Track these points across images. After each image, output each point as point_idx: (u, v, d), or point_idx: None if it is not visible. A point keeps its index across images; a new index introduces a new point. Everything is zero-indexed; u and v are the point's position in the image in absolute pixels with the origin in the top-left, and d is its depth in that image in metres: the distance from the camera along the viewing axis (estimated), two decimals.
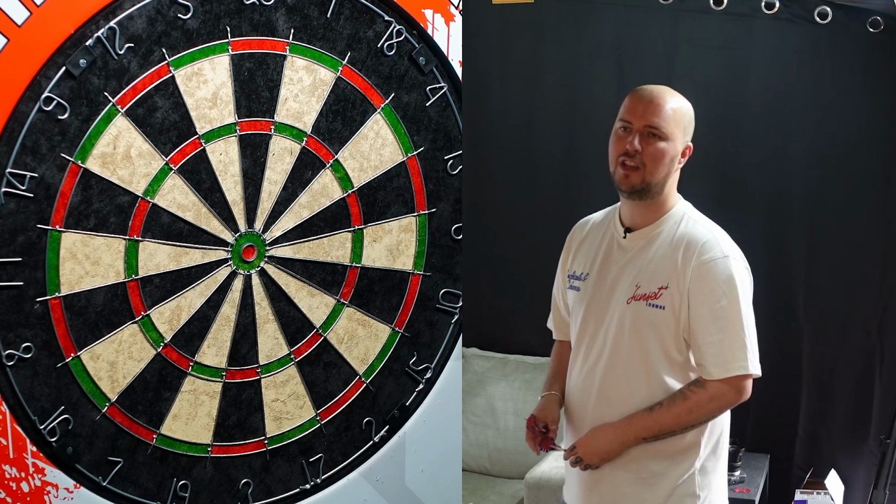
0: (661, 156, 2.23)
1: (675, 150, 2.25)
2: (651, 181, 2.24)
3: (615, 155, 2.26)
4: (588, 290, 2.37)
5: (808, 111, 3.71)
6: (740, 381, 2.22)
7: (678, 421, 2.21)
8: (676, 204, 2.32)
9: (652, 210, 2.29)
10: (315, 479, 2.89)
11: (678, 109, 2.26)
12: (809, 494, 3.49)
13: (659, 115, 2.22)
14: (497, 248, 4.24)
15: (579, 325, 2.39)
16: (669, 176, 2.27)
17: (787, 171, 3.77)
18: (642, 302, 2.25)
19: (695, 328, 2.21)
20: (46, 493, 2.44)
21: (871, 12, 3.53)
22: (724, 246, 2.25)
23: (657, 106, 2.23)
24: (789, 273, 3.79)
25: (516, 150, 4.18)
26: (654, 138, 2.22)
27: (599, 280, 2.34)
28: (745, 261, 2.28)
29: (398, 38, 2.83)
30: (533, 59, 4.09)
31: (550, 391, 2.45)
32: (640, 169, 2.23)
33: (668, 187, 2.28)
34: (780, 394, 3.81)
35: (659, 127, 2.22)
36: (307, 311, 2.80)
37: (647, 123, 2.22)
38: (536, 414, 2.40)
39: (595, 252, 2.38)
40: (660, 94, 2.26)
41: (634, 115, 2.24)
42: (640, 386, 2.26)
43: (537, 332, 4.22)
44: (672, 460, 2.26)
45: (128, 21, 2.42)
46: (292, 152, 2.72)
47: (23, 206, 2.34)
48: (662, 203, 2.29)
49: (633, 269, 2.28)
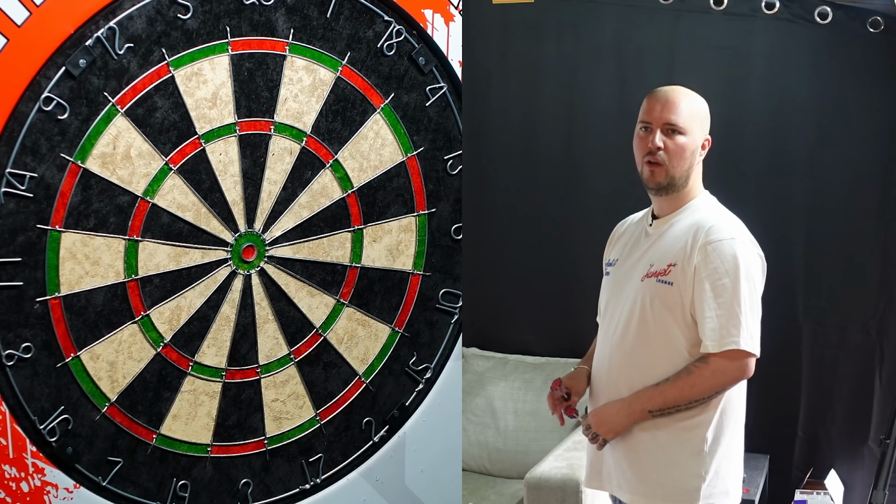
0: (682, 150, 2.36)
1: (694, 143, 2.37)
2: (675, 175, 2.36)
3: (640, 155, 2.39)
4: (614, 274, 2.51)
5: (808, 111, 3.71)
6: (739, 356, 2.28)
7: (682, 395, 2.29)
8: (699, 195, 2.44)
9: (677, 201, 2.41)
10: (315, 479, 2.89)
11: (693, 105, 2.39)
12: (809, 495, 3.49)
13: (675, 112, 2.35)
14: (497, 248, 4.24)
15: (604, 306, 2.53)
16: (692, 168, 2.39)
17: (787, 170, 3.77)
18: (653, 279, 2.36)
19: (696, 304, 2.30)
20: (46, 493, 2.44)
21: (871, 12, 3.53)
22: (732, 229, 2.35)
23: (673, 104, 2.36)
24: (789, 273, 3.79)
25: (516, 150, 4.18)
26: (673, 134, 2.35)
27: (625, 263, 2.48)
28: (757, 247, 2.37)
29: (398, 38, 2.83)
30: (533, 59, 4.09)
31: (583, 365, 2.56)
32: (664, 165, 2.36)
33: (693, 180, 2.41)
34: (780, 394, 3.81)
35: (676, 123, 2.35)
36: (307, 311, 2.80)
37: (665, 122, 2.35)
38: (563, 379, 2.51)
39: (627, 242, 2.52)
40: (674, 93, 2.39)
41: (652, 115, 2.37)
42: (650, 361, 2.35)
43: (537, 331, 4.26)
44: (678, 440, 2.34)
45: (127, 21, 2.42)
46: (292, 152, 2.72)
47: (23, 206, 2.34)
48: (687, 194, 2.41)
49: (651, 252, 2.41)
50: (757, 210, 3.80)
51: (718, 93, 3.72)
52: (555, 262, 4.10)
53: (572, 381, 2.51)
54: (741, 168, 3.81)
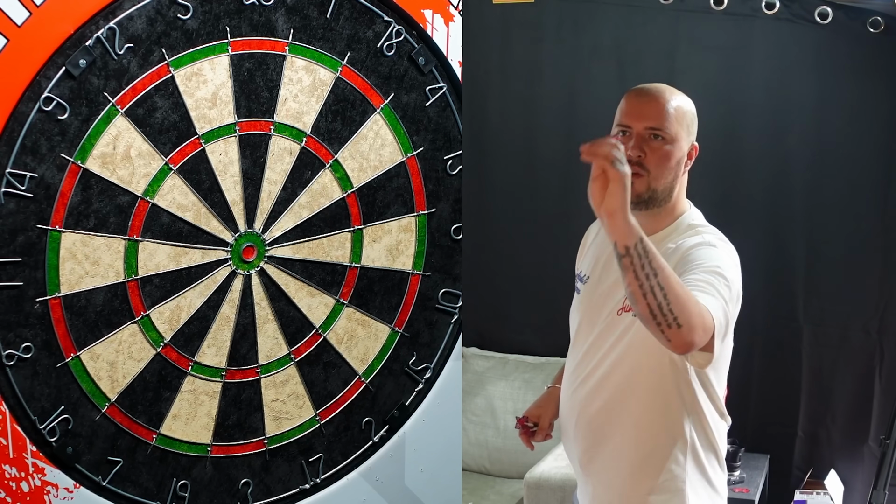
0: (667, 159, 2.03)
1: (680, 151, 2.05)
2: (657, 188, 2.04)
3: None
4: (584, 296, 2.22)
5: (808, 111, 3.71)
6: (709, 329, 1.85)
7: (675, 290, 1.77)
8: (685, 212, 2.13)
9: (658, 219, 2.09)
10: (315, 478, 2.89)
11: (679, 107, 2.07)
12: (809, 494, 3.49)
13: (660, 115, 2.03)
14: (497, 248, 4.24)
15: (574, 331, 2.25)
16: (677, 180, 2.08)
17: (787, 170, 3.77)
18: (630, 313, 2.04)
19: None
20: (46, 493, 2.44)
21: (871, 12, 3.53)
22: (713, 239, 2.04)
23: (657, 105, 2.04)
24: (789, 273, 3.79)
25: (516, 149, 4.19)
26: (656, 140, 2.03)
27: (597, 287, 2.18)
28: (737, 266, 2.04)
29: (398, 38, 2.83)
30: (533, 59, 4.09)
31: (555, 384, 2.34)
32: (644, 176, 2.02)
33: (677, 193, 2.09)
34: (780, 394, 3.82)
35: (661, 128, 2.03)
36: (307, 311, 2.80)
37: (647, 125, 2.03)
38: (530, 412, 2.34)
39: (599, 255, 2.22)
40: (658, 92, 2.07)
41: (633, 117, 2.05)
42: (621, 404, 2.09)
43: (537, 331, 4.26)
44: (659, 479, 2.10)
45: (127, 21, 2.42)
46: (292, 152, 2.72)
47: (23, 206, 2.34)
48: (670, 211, 2.10)
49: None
50: (757, 210, 3.82)
51: (718, 93, 3.75)
52: (555, 262, 4.10)
53: (541, 409, 2.30)
54: (741, 168, 3.81)
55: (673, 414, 2.07)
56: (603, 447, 2.14)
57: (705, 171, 2.45)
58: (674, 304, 1.77)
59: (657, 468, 2.10)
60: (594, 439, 2.15)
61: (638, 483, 2.12)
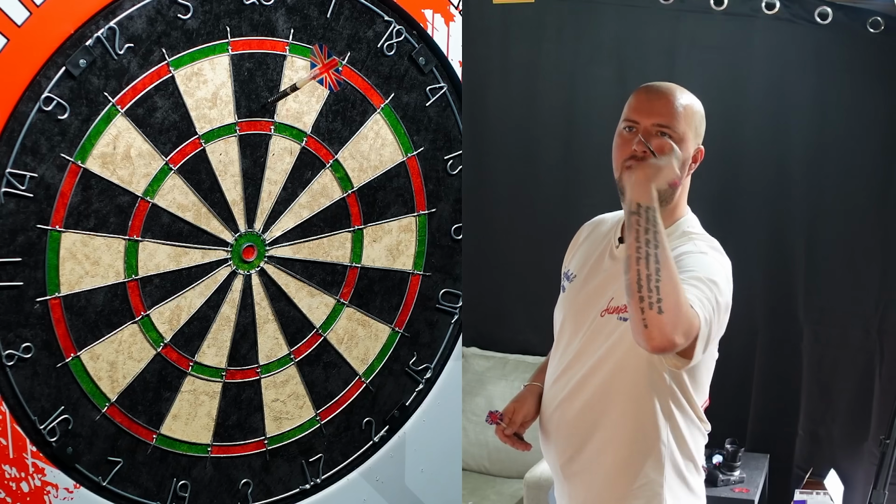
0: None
1: (686, 153, 2.00)
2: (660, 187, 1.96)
3: (620, 159, 2.00)
4: (570, 294, 2.19)
5: (808, 111, 3.71)
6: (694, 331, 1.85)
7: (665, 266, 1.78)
8: (683, 217, 2.09)
9: None
10: (315, 479, 2.89)
11: (689, 107, 2.03)
12: (809, 494, 3.49)
13: (668, 112, 1.99)
14: (497, 248, 4.24)
15: (558, 330, 2.22)
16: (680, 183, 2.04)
17: (787, 170, 3.77)
18: (614, 315, 2.03)
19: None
20: (46, 493, 2.44)
21: (871, 12, 3.53)
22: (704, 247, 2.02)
23: (666, 102, 2.01)
24: (789, 273, 3.79)
25: (516, 150, 4.19)
26: (663, 138, 1.99)
27: (583, 286, 2.15)
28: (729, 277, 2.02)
29: (398, 38, 2.83)
30: (533, 59, 4.09)
31: (534, 381, 2.29)
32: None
33: (678, 196, 2.05)
34: (780, 394, 3.82)
35: (669, 125, 1.99)
36: (307, 311, 2.80)
37: (655, 122, 1.99)
38: (506, 408, 2.27)
39: (589, 255, 2.20)
40: (668, 90, 2.04)
41: (641, 113, 2.01)
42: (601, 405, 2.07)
43: (537, 331, 4.26)
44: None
45: (128, 21, 2.42)
46: (292, 152, 2.72)
47: (23, 206, 2.34)
48: (668, 214, 2.04)
49: (615, 282, 2.05)
50: (757, 210, 3.82)
51: (718, 93, 3.74)
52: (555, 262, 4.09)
53: (515, 405, 2.24)
54: (741, 168, 3.81)
55: (651, 418, 2.05)
56: (582, 448, 2.13)
57: (705, 171, 2.44)
58: (663, 284, 1.77)
59: (635, 471, 2.08)
60: (574, 440, 2.14)
61: (616, 485, 2.11)
